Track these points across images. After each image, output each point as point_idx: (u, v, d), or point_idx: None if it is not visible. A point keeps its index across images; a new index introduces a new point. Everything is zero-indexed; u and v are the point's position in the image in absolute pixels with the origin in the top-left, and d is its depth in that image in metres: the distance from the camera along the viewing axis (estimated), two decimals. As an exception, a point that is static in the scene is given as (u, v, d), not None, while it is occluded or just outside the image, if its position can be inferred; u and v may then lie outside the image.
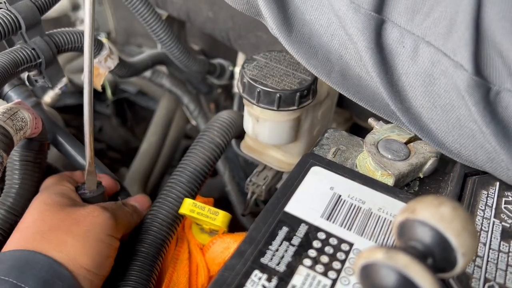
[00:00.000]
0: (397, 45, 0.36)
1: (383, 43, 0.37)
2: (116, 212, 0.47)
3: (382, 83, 0.37)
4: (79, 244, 0.41)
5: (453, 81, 0.34)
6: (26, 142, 0.49)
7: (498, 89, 0.33)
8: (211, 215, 0.48)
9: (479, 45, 0.33)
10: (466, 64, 0.33)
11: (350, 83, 0.41)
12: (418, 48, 0.35)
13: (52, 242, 0.40)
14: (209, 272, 0.51)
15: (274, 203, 0.37)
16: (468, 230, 0.25)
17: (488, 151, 0.35)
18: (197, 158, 0.53)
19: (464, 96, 0.34)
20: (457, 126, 0.36)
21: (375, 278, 0.26)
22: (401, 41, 0.36)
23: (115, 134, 1.11)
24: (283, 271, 0.32)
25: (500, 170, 0.36)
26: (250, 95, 0.51)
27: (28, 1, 0.50)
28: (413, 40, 0.35)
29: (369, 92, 0.40)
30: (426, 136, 0.39)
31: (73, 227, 0.42)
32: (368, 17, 0.36)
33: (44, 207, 0.43)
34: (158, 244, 0.49)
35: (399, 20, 0.36)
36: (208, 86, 0.91)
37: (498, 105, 0.33)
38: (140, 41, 1.00)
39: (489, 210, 0.38)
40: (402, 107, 0.38)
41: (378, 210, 0.37)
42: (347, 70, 0.40)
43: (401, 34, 0.36)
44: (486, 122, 0.33)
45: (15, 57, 0.47)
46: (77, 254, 0.40)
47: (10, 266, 0.38)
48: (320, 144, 0.47)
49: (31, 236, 0.41)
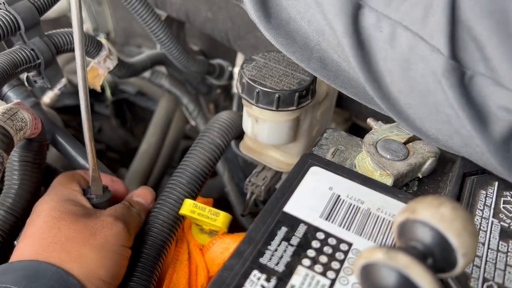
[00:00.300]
0: (374, 29, 0.36)
1: (360, 28, 0.36)
2: (127, 219, 0.47)
3: (360, 68, 0.37)
4: (96, 257, 0.42)
5: (430, 65, 0.34)
6: (25, 142, 0.49)
7: (472, 73, 0.33)
8: (211, 216, 0.48)
9: (455, 30, 0.33)
10: (442, 48, 0.33)
11: (329, 69, 0.41)
12: (395, 32, 0.35)
13: (71, 254, 0.41)
14: (208, 272, 0.51)
15: (273, 203, 0.37)
16: (469, 231, 0.25)
17: (463, 136, 0.35)
18: (197, 159, 0.53)
19: (440, 80, 0.34)
20: (433, 111, 0.36)
21: (375, 278, 0.26)
22: (379, 25, 0.36)
23: (115, 134, 1.11)
24: (282, 271, 0.32)
25: (475, 155, 0.36)
26: (249, 95, 0.51)
27: (27, 1, 0.50)
28: (390, 24, 0.35)
29: (348, 78, 0.40)
30: (403, 122, 0.39)
31: (90, 239, 0.42)
32: (346, 2, 0.36)
33: (59, 215, 0.43)
34: (159, 246, 0.49)
35: (376, 4, 0.36)
36: (208, 86, 0.91)
37: (472, 89, 0.33)
38: (139, 42, 1.00)
39: (487, 210, 0.39)
40: (380, 93, 0.38)
41: (377, 210, 0.37)
42: (326, 56, 0.40)
43: (378, 18, 0.36)
44: (461, 107, 0.33)
45: (14, 58, 0.47)
46: (94, 266, 0.41)
47: (20, 276, 0.38)
48: (319, 144, 0.47)
49: (48, 245, 0.41)
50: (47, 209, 0.44)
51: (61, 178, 0.49)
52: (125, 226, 0.45)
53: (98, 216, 0.45)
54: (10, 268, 0.39)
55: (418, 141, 0.44)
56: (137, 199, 0.52)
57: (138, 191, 0.53)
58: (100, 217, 0.45)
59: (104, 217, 0.45)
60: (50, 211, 0.44)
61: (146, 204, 0.52)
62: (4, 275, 0.38)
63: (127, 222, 0.46)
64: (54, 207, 0.44)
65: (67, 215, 0.43)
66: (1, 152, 0.40)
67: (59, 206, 0.44)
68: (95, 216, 0.45)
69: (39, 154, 0.51)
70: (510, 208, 0.39)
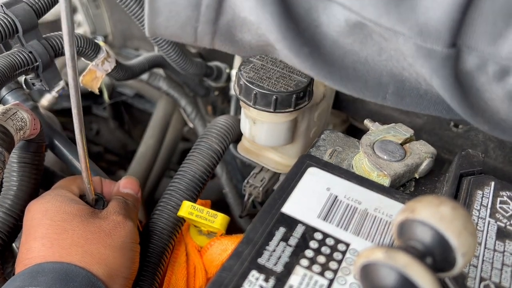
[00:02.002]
0: (477, 72, 0.31)
1: (461, 73, 0.31)
2: (131, 215, 0.48)
3: (460, 106, 0.32)
4: (116, 257, 0.43)
5: None
6: (24, 144, 0.49)
7: None
8: (209, 217, 0.48)
9: None
10: None
11: (408, 97, 0.35)
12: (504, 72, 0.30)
13: (94, 256, 0.41)
14: (206, 274, 0.51)
15: (271, 204, 0.38)
16: (468, 230, 0.25)
17: None
18: (196, 165, 0.54)
19: None
20: None
21: (375, 277, 0.26)
22: (482, 67, 0.30)
23: (113, 137, 1.11)
24: (280, 271, 0.32)
25: None
26: (246, 97, 0.51)
27: (25, 4, 0.50)
28: (496, 63, 0.30)
29: (432, 103, 0.35)
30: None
31: (107, 239, 0.43)
32: (444, 58, 0.29)
33: (67, 216, 0.43)
34: (159, 252, 0.49)
35: (479, 44, 0.29)
36: (205, 88, 0.91)
37: None
38: (137, 44, 1.00)
39: (484, 210, 0.39)
40: (484, 121, 0.33)
41: (374, 211, 0.38)
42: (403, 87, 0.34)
43: (481, 60, 0.30)
44: None
45: (12, 61, 0.48)
46: (116, 266, 0.42)
47: (53, 278, 0.38)
48: (317, 145, 0.47)
49: (70, 247, 0.41)
50: (53, 208, 0.44)
51: (63, 182, 0.49)
52: (134, 224, 0.46)
53: (107, 216, 0.45)
54: (40, 269, 0.39)
55: (415, 141, 0.44)
56: (126, 190, 0.52)
57: (123, 182, 0.53)
58: (109, 216, 0.45)
59: (113, 216, 0.45)
60: (57, 211, 0.43)
61: (135, 194, 0.52)
62: (35, 277, 0.38)
63: (132, 218, 0.47)
64: (60, 207, 0.44)
65: (76, 215, 0.43)
66: (2, 150, 0.40)
67: (65, 206, 0.44)
68: (104, 216, 0.45)
69: (38, 155, 0.51)
70: (506, 208, 0.39)
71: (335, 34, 0.31)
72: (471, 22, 0.28)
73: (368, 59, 0.33)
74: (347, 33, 0.31)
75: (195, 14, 0.31)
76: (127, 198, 0.50)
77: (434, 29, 0.28)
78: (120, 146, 1.12)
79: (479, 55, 0.30)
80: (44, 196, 0.46)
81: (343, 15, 0.30)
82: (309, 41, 0.31)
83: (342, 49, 0.32)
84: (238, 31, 0.32)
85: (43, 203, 0.44)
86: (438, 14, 0.28)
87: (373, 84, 0.34)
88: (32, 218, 0.44)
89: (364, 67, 0.33)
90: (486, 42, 0.29)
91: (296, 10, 0.30)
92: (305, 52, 0.31)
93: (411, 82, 0.33)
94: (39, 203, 0.44)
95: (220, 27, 0.32)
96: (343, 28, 0.31)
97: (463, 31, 0.29)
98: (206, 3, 0.30)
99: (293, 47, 0.31)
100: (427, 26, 0.28)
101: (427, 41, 0.29)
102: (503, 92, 0.31)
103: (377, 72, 0.33)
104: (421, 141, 0.44)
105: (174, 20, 0.31)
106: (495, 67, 0.30)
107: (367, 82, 0.34)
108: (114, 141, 1.11)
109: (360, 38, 0.31)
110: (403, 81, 0.34)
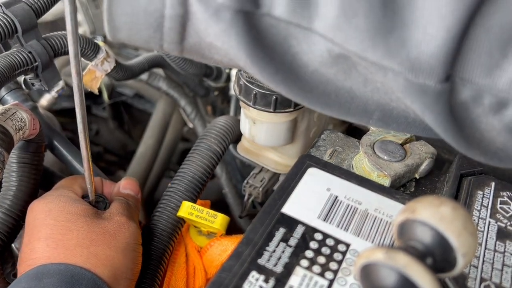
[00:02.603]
0: (472, 104, 0.29)
1: (455, 105, 0.30)
2: (133, 216, 0.48)
3: (454, 139, 0.31)
4: (121, 258, 0.43)
5: None
6: (23, 144, 0.49)
7: None
8: (209, 217, 0.48)
9: None
10: None
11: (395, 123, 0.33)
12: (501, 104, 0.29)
13: (99, 258, 0.41)
14: (206, 274, 0.51)
15: (271, 204, 0.37)
16: (469, 230, 0.25)
17: None
18: (195, 166, 0.54)
19: None
20: None
21: (375, 278, 0.26)
22: (478, 99, 0.29)
23: (112, 137, 1.11)
24: (280, 272, 0.32)
25: None
26: (246, 97, 0.51)
27: (25, 4, 0.50)
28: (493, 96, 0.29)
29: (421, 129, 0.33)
30: None
31: (111, 241, 0.43)
32: (437, 93, 0.28)
33: (71, 216, 0.43)
34: (160, 254, 0.49)
35: (474, 76, 0.28)
36: (205, 88, 0.91)
37: None
38: (136, 44, 1.00)
39: (484, 210, 0.39)
40: (479, 152, 0.32)
41: (375, 211, 0.37)
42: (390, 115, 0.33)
43: (477, 92, 0.29)
44: None
45: (11, 61, 0.47)
46: (121, 268, 0.42)
47: (59, 280, 0.38)
48: (317, 145, 0.47)
49: (75, 248, 0.41)
50: (56, 208, 0.43)
51: (65, 182, 0.49)
52: (137, 225, 0.46)
53: (111, 217, 0.45)
54: (45, 271, 0.39)
55: (415, 142, 0.44)
56: (126, 191, 0.52)
57: (124, 183, 0.53)
58: (113, 217, 0.45)
59: (117, 217, 0.45)
60: (60, 211, 0.43)
61: (136, 195, 0.52)
62: (40, 279, 0.38)
63: (135, 220, 0.47)
64: (63, 207, 0.44)
65: (80, 216, 0.43)
66: (1, 150, 0.40)
67: (68, 206, 0.44)
68: (108, 217, 0.45)
69: (37, 155, 0.51)
70: (506, 208, 0.39)
71: (317, 63, 0.30)
72: (466, 54, 0.27)
73: (353, 88, 0.31)
74: (330, 64, 0.29)
75: (158, 35, 0.29)
76: (128, 199, 0.50)
77: (427, 63, 0.27)
78: (119, 146, 1.12)
79: (474, 88, 0.28)
80: (47, 196, 0.45)
81: (325, 46, 0.28)
82: (285, 68, 0.30)
83: (324, 77, 0.30)
84: (207, 52, 0.31)
85: (46, 203, 0.44)
86: (431, 48, 0.26)
87: (358, 111, 0.32)
88: (35, 218, 0.43)
89: (349, 94, 0.31)
90: (482, 74, 0.28)
91: (269, 37, 0.29)
92: (278, 78, 0.29)
93: (399, 111, 0.32)
94: (42, 203, 0.44)
95: (187, 47, 0.30)
96: (325, 58, 0.29)
97: (458, 63, 0.28)
98: (168, 25, 0.28)
99: (265, 74, 0.29)
100: (419, 61, 0.27)
101: (419, 77, 0.27)
102: (500, 125, 0.30)
103: (362, 100, 0.31)
104: (421, 141, 0.44)
105: (136, 37, 0.29)
106: (492, 99, 0.29)
107: (350, 109, 0.32)
108: (114, 141, 1.11)
109: (344, 68, 0.30)
110: (391, 110, 0.32)
